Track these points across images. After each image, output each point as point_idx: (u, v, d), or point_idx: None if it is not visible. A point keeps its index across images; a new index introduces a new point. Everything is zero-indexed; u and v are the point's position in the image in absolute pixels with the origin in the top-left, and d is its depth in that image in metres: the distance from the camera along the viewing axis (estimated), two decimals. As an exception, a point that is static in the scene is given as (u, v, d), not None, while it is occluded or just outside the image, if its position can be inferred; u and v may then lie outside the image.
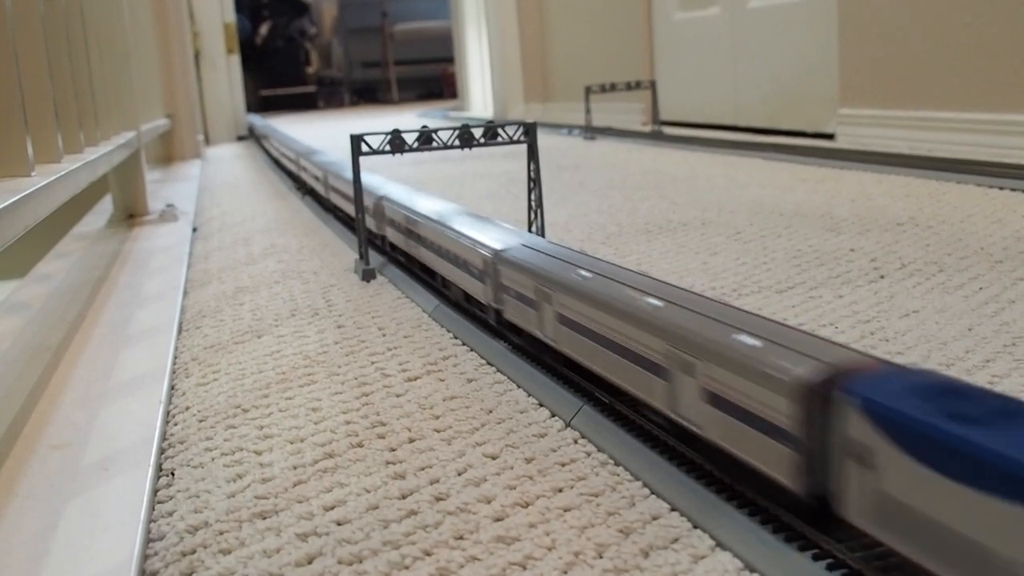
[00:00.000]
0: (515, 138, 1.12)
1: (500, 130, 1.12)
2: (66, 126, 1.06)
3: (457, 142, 1.13)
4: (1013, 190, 1.46)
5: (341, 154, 1.61)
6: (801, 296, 0.97)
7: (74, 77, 1.15)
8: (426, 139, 1.13)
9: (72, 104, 1.13)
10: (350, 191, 1.26)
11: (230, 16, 4.56)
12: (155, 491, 0.62)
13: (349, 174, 1.26)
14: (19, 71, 0.85)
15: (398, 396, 0.76)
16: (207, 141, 4.03)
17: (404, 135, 1.12)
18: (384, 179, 1.42)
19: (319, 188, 1.81)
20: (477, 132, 1.13)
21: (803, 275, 1.05)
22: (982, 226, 1.23)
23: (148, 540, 0.55)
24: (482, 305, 0.88)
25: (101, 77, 1.42)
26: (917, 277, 1.00)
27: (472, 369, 0.82)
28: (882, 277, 1.01)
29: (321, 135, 3.67)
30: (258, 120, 3.52)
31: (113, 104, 1.54)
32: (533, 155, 1.13)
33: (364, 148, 1.12)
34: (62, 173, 0.91)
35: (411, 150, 1.12)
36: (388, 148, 1.12)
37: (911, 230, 1.24)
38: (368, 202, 1.26)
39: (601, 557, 0.50)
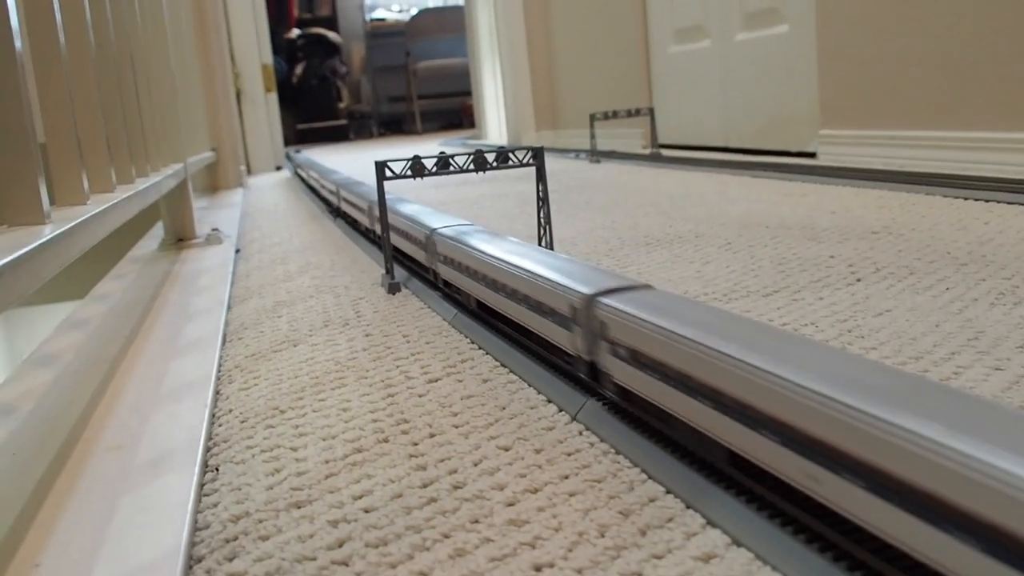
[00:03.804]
0: (524, 161, 1.13)
1: (511, 154, 1.13)
2: (118, 160, 1.07)
3: (472, 166, 1.14)
4: (976, 200, 1.46)
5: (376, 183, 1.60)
6: (785, 299, 0.96)
7: (125, 116, 1.16)
8: (443, 164, 1.13)
9: (123, 140, 1.14)
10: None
11: (268, 58, 4.59)
12: (201, 485, 0.62)
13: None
14: (74, 111, 0.86)
15: (420, 396, 0.76)
16: (249, 171, 4.05)
17: (424, 160, 1.12)
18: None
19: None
20: (490, 157, 1.13)
21: (787, 280, 1.04)
22: (948, 233, 1.23)
23: (195, 529, 0.55)
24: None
25: (150, 115, 1.43)
26: (890, 280, 1.00)
27: (487, 370, 0.82)
28: (858, 280, 1.01)
29: (353, 164, 3.68)
30: (302, 159, 3.48)
31: (162, 139, 1.55)
32: (541, 176, 1.13)
33: (388, 173, 1.12)
34: (114, 202, 0.91)
35: (430, 174, 1.12)
36: (409, 172, 1.12)
37: (885, 238, 1.23)
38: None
39: (603, 536, 0.50)
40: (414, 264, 1.25)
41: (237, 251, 1.71)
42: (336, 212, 2.04)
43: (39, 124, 0.82)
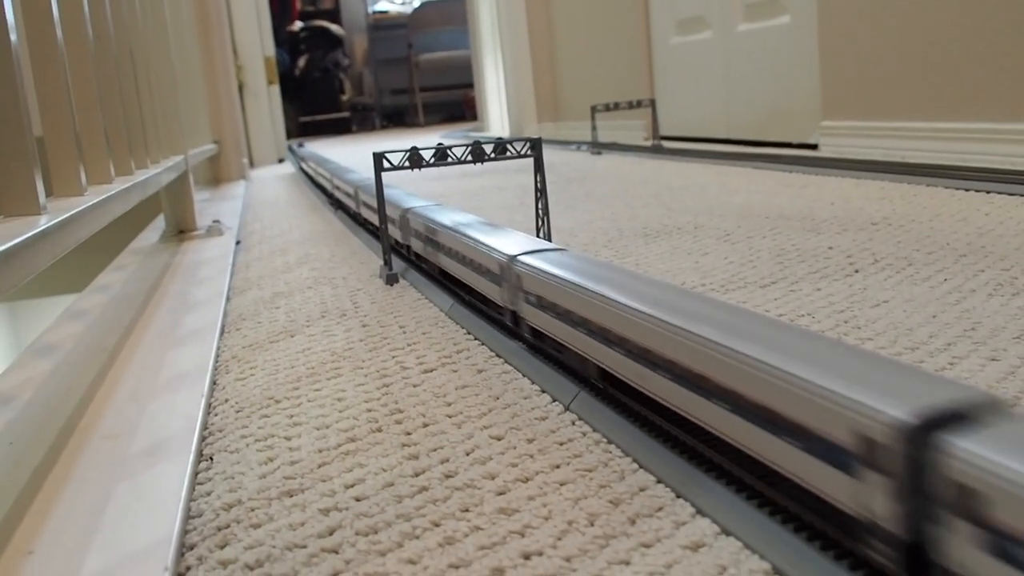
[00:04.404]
0: (523, 153, 1.12)
1: (509, 146, 1.13)
2: (117, 152, 1.08)
3: (470, 157, 1.13)
4: (977, 191, 1.46)
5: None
6: (783, 290, 0.96)
7: (124, 108, 1.16)
8: (441, 155, 1.13)
9: (122, 132, 1.14)
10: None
11: (270, 51, 4.59)
12: (195, 474, 0.62)
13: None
14: (72, 104, 0.86)
15: (415, 386, 0.76)
16: (251, 163, 4.05)
17: (421, 152, 1.12)
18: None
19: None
20: (488, 148, 1.13)
21: (785, 271, 1.04)
22: (948, 224, 1.23)
23: (188, 517, 0.56)
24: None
25: (150, 108, 1.43)
26: (888, 271, 1.00)
27: (482, 361, 0.82)
28: (856, 271, 1.01)
29: (354, 155, 3.68)
30: (307, 153, 3.40)
31: (162, 131, 1.55)
32: (539, 168, 1.13)
33: (386, 164, 1.12)
34: (111, 193, 0.91)
35: (428, 165, 1.12)
36: (407, 164, 1.12)
37: (884, 229, 1.23)
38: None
39: (592, 525, 0.50)
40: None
41: (238, 242, 1.71)
42: (356, 217, 2.01)
43: (36, 117, 0.82)
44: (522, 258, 0.79)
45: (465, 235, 0.96)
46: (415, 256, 1.22)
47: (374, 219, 1.37)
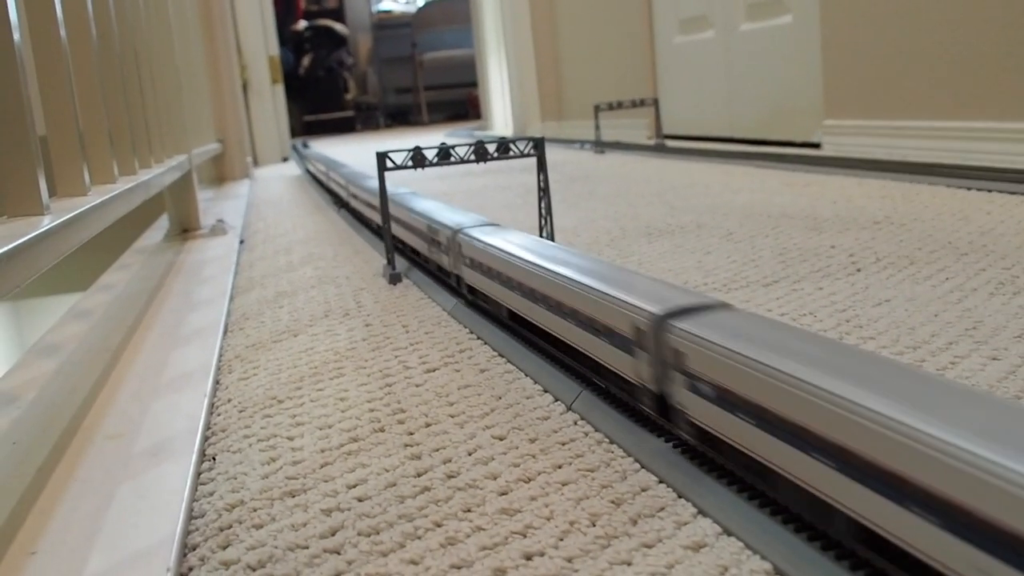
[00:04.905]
0: (525, 152, 1.12)
1: (511, 145, 1.12)
2: (120, 151, 1.08)
3: (473, 157, 1.13)
4: (979, 190, 1.45)
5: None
6: (785, 289, 0.96)
7: (128, 108, 1.16)
8: (444, 154, 1.13)
9: (126, 132, 1.14)
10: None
11: (274, 50, 4.59)
12: (198, 474, 0.62)
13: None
14: (75, 103, 0.86)
15: (418, 386, 0.76)
16: (255, 162, 4.05)
17: (424, 151, 1.12)
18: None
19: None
20: (491, 147, 1.13)
21: (787, 270, 1.04)
22: (950, 223, 1.22)
23: (190, 517, 0.56)
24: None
25: (154, 108, 1.43)
26: (890, 270, 1.00)
27: (485, 360, 0.82)
28: (859, 270, 1.01)
29: (360, 154, 3.68)
30: (314, 154, 3.16)
31: (166, 131, 1.55)
32: (542, 167, 1.13)
33: (389, 164, 1.12)
34: (115, 192, 0.91)
35: (431, 164, 1.12)
36: (410, 163, 1.12)
37: (887, 228, 1.23)
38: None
39: (594, 525, 0.50)
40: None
41: (241, 242, 1.71)
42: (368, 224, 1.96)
43: (40, 116, 0.82)
44: (676, 321, 0.54)
45: (584, 285, 0.67)
46: (468, 290, 0.98)
47: (413, 242, 1.21)
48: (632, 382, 0.60)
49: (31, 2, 0.82)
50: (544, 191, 1.14)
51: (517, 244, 0.85)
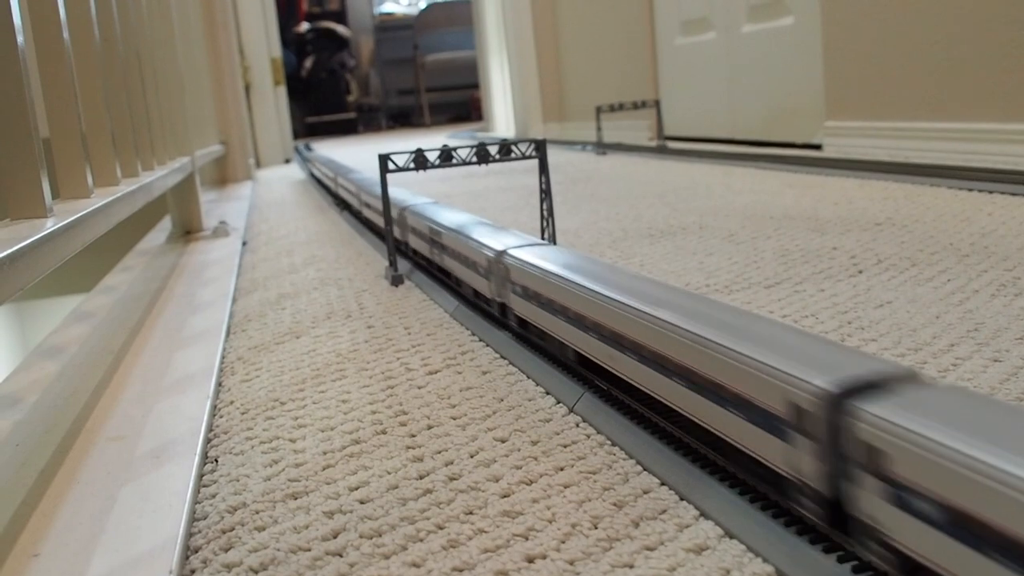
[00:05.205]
0: (527, 154, 1.12)
1: (513, 147, 1.12)
2: (123, 154, 1.08)
3: (475, 159, 1.13)
4: (980, 191, 1.45)
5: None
6: (787, 291, 0.96)
7: (131, 110, 1.16)
8: (446, 156, 1.13)
9: (129, 134, 1.14)
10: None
11: (277, 52, 4.59)
12: (200, 476, 0.62)
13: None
14: (78, 106, 0.86)
15: (420, 388, 0.76)
16: (258, 164, 4.05)
17: (426, 153, 1.12)
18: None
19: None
20: (493, 149, 1.12)
21: (789, 272, 1.04)
22: (952, 224, 1.22)
23: (193, 520, 0.56)
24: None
25: (157, 109, 1.43)
26: (892, 271, 1.00)
27: (487, 362, 0.82)
28: (860, 272, 1.01)
29: (363, 157, 3.68)
30: (321, 159, 2.94)
31: (168, 133, 1.55)
32: (544, 169, 1.13)
33: (391, 166, 1.12)
34: (118, 195, 0.91)
35: (433, 167, 1.12)
36: (412, 165, 1.12)
37: (888, 229, 1.23)
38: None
39: (596, 528, 0.50)
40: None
41: (244, 243, 1.71)
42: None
43: (43, 118, 0.82)
44: (862, 403, 0.40)
45: (704, 339, 0.52)
46: (517, 322, 0.84)
47: (442, 262, 1.09)
48: (780, 473, 0.45)
49: (34, 4, 0.82)
50: (546, 192, 1.14)
51: (587, 273, 0.69)
